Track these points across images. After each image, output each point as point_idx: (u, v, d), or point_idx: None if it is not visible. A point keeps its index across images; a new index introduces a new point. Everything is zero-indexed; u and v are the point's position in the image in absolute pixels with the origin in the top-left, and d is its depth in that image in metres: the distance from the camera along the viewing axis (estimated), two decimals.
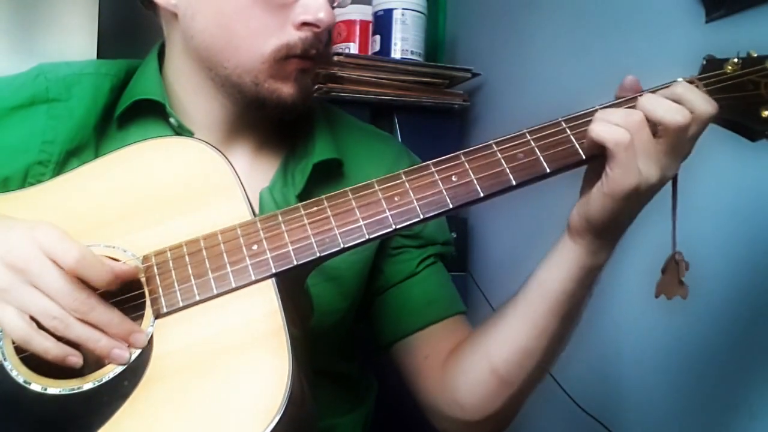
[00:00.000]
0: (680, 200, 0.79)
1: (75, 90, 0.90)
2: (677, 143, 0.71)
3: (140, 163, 0.78)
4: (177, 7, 0.88)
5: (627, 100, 0.75)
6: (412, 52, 1.71)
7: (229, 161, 0.77)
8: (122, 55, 0.99)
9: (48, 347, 0.66)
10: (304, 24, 0.84)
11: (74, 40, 1.60)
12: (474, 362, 0.87)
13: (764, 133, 0.77)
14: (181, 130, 0.89)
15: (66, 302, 0.66)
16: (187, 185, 0.76)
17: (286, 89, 0.85)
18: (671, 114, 0.70)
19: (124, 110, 0.90)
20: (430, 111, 1.72)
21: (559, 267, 0.79)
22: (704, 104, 0.72)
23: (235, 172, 0.77)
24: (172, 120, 0.90)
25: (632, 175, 0.69)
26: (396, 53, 1.70)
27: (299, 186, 0.90)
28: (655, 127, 0.70)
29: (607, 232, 0.75)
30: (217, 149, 0.78)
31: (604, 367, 1.37)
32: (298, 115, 0.92)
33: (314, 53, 0.86)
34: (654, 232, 0.82)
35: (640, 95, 0.73)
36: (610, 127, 0.70)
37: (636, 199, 0.72)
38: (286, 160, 0.94)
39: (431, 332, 0.94)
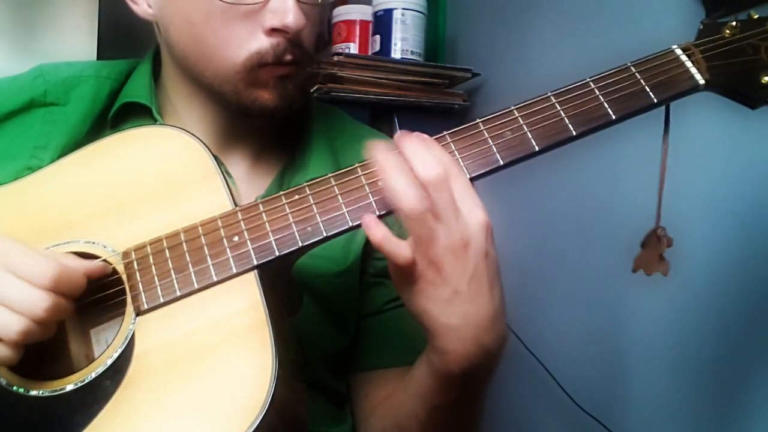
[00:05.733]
0: (669, 173, 0.76)
1: (73, 93, 0.90)
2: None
3: (120, 154, 0.77)
4: (155, 17, 0.87)
5: None
6: (412, 52, 1.71)
7: (209, 150, 0.76)
8: (122, 55, 0.98)
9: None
10: (274, 30, 0.80)
11: (74, 40, 1.60)
12: (378, 420, 0.88)
13: (765, 100, 0.73)
14: None
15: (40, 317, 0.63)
16: (167, 176, 0.74)
17: (266, 96, 0.82)
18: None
19: (115, 112, 0.90)
20: (430, 111, 1.71)
21: (423, 357, 0.75)
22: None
23: (216, 160, 0.75)
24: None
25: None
26: (396, 53, 1.69)
27: None
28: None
29: (432, 337, 0.69)
30: (198, 138, 0.77)
31: (603, 366, 1.36)
32: (289, 119, 0.90)
33: (290, 59, 0.81)
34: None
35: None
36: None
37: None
38: (283, 170, 0.92)
39: (374, 376, 0.93)
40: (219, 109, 0.88)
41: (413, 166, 0.65)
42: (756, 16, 0.75)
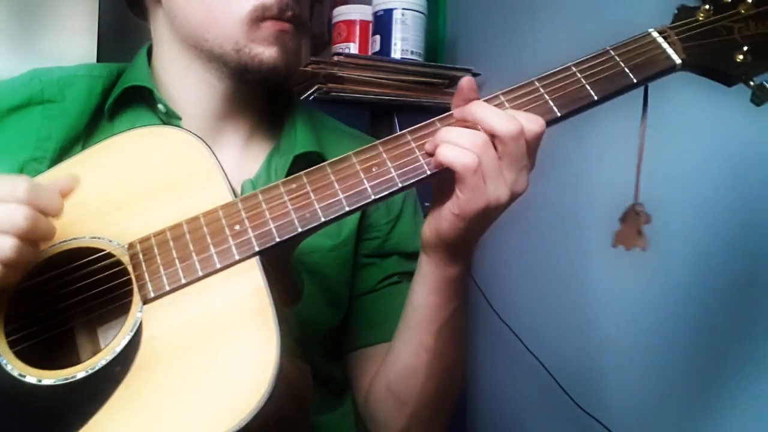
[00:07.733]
0: (648, 152, 0.78)
1: (69, 91, 0.92)
2: (517, 156, 0.71)
3: (122, 154, 0.79)
4: None
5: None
6: (412, 52, 1.71)
7: (208, 146, 0.78)
8: (122, 56, 1.00)
9: None
10: None
11: (74, 40, 1.61)
12: (377, 382, 0.91)
13: (740, 77, 0.77)
14: (168, 117, 0.91)
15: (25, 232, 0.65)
16: (169, 173, 0.76)
17: (267, 52, 0.87)
18: (505, 123, 0.70)
19: (114, 100, 0.92)
20: (430, 111, 1.69)
21: (420, 282, 0.81)
22: (529, 123, 0.71)
23: (215, 156, 0.77)
24: (160, 106, 0.91)
25: (481, 197, 0.70)
26: (396, 53, 1.70)
27: (280, 177, 0.89)
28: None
29: (459, 247, 0.76)
30: (196, 135, 0.79)
31: (594, 360, 1.37)
32: (283, 82, 0.93)
33: (291, 15, 0.87)
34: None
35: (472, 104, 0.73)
36: (456, 150, 0.70)
37: (485, 218, 0.73)
38: (271, 153, 0.95)
39: (373, 352, 0.96)
40: (215, 82, 0.91)
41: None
42: (729, 0, 0.78)
